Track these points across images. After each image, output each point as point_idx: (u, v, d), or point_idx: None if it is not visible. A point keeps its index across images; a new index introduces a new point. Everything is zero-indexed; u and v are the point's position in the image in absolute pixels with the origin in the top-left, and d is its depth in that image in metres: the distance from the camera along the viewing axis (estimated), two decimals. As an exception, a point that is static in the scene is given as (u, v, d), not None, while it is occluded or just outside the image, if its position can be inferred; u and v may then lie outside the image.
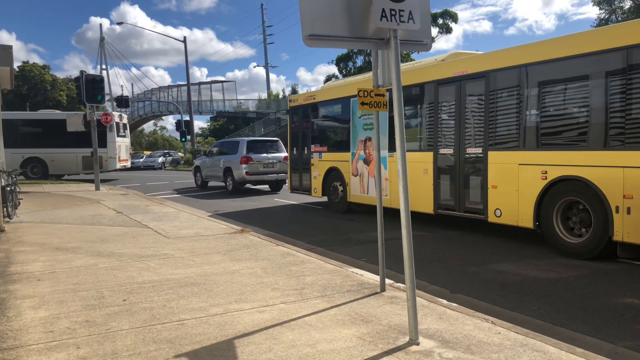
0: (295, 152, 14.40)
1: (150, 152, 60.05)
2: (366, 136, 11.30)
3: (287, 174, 15.64)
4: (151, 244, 7.76)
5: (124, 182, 24.65)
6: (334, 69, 47.30)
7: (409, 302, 3.76)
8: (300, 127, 14.07)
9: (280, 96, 55.96)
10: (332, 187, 12.68)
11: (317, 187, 13.20)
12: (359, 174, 11.59)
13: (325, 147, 13.02)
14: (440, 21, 41.86)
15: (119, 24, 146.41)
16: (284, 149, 18.74)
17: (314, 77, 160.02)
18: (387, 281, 5.29)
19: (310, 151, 13.53)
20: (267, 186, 19.50)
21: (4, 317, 4.41)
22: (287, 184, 15.34)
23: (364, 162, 11.38)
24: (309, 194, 13.67)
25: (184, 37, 39.87)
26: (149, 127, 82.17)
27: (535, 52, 7.81)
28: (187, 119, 42.23)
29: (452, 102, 9.17)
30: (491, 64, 8.49)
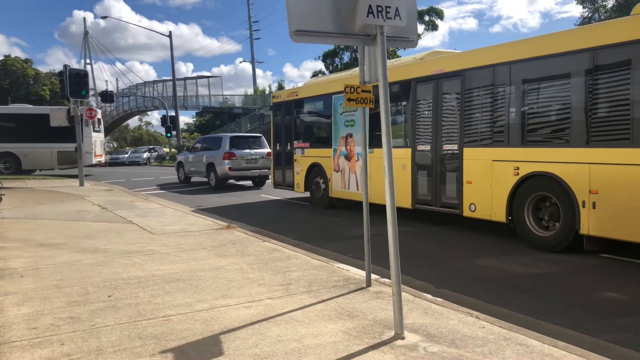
0: (278, 147, 14.46)
1: (130, 147, 59.47)
2: (347, 133, 11.40)
3: (270, 170, 15.72)
4: (136, 240, 7.71)
5: (108, 178, 24.41)
6: (320, 65, 47.27)
7: (395, 297, 3.79)
8: (283, 123, 14.13)
9: (266, 92, 55.78)
10: (315, 183, 12.75)
11: (300, 183, 13.27)
12: (340, 170, 11.70)
13: (307, 143, 13.09)
14: (426, 18, 42.12)
15: (103, 17, 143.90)
16: (266, 145, 18.77)
17: (301, 73, 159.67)
18: (373, 276, 5.32)
19: (293, 147, 13.60)
20: (250, 182, 19.54)
21: (-14, 314, 4.35)
22: (271, 180, 15.40)
23: (345, 158, 11.48)
24: (292, 189, 13.74)
25: (170, 32, 39.55)
26: (134, 122, 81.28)
27: (506, 52, 8.05)
28: (173, 114, 41.89)
29: (430, 100, 9.35)
30: (466, 63, 8.70)
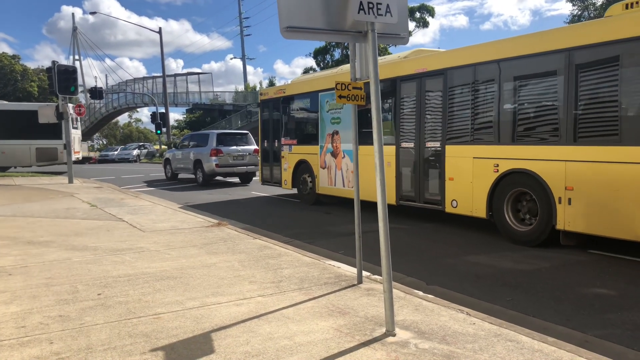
0: (266, 144, 14.56)
1: (119, 145, 59.00)
2: (333, 130, 11.50)
3: (257, 167, 15.83)
4: (126, 238, 7.66)
5: (98, 175, 24.23)
6: (311, 62, 47.34)
7: (386, 294, 3.80)
8: (270, 120, 14.23)
9: (257, 88, 55.63)
10: (302, 180, 12.85)
11: (288, 179, 13.36)
12: (326, 167, 11.80)
13: (295, 140, 13.17)
14: (417, 15, 42.23)
15: (92, 13, 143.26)
16: (253, 142, 18.89)
17: (292, 69, 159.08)
18: (364, 273, 5.32)
19: (280, 144, 13.69)
20: (237, 178, 19.59)
21: (-27, 313, 4.30)
22: (259, 176, 15.49)
23: (332, 155, 11.59)
24: (280, 185, 13.84)
25: (159, 28, 39.34)
26: (123, 119, 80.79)
27: (486, 51, 8.20)
28: (163, 111, 41.67)
29: (414, 98, 9.47)
30: (448, 62, 8.84)
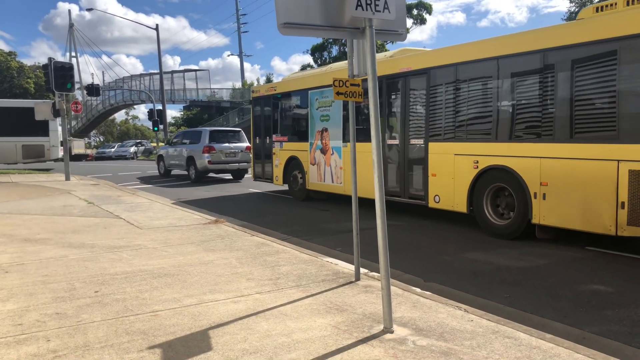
0: (258, 141, 14.73)
1: (117, 142, 58.85)
2: (323, 127, 11.65)
3: (249, 164, 16.03)
4: (123, 235, 7.64)
5: (95, 172, 24.17)
6: (309, 59, 47.10)
7: (384, 291, 3.79)
8: (262, 117, 14.39)
9: (254, 85, 55.51)
10: (293, 176, 13.00)
11: (279, 176, 13.51)
12: (316, 163, 11.96)
13: (285, 137, 13.31)
14: (415, 12, 42.19)
15: (89, 10, 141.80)
16: (246, 139, 19.14)
17: (289, 66, 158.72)
18: (362, 270, 5.32)
19: (272, 141, 13.84)
20: (230, 175, 19.83)
21: (-30, 311, 4.29)
22: (251, 172, 15.63)
23: (321, 151, 11.74)
24: (272, 181, 13.98)
25: (157, 25, 39.03)
26: (120, 116, 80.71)
27: (466, 52, 8.42)
28: (160, 108, 41.46)
29: (399, 96, 9.66)
30: (431, 61, 9.04)
